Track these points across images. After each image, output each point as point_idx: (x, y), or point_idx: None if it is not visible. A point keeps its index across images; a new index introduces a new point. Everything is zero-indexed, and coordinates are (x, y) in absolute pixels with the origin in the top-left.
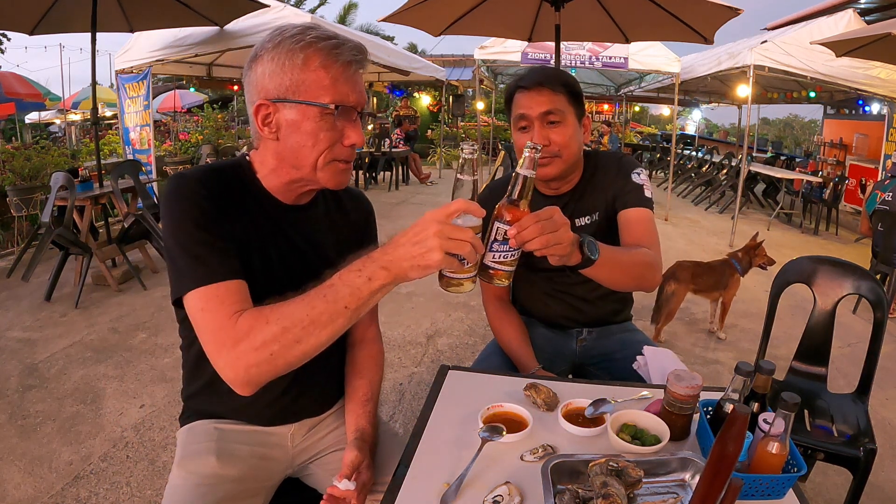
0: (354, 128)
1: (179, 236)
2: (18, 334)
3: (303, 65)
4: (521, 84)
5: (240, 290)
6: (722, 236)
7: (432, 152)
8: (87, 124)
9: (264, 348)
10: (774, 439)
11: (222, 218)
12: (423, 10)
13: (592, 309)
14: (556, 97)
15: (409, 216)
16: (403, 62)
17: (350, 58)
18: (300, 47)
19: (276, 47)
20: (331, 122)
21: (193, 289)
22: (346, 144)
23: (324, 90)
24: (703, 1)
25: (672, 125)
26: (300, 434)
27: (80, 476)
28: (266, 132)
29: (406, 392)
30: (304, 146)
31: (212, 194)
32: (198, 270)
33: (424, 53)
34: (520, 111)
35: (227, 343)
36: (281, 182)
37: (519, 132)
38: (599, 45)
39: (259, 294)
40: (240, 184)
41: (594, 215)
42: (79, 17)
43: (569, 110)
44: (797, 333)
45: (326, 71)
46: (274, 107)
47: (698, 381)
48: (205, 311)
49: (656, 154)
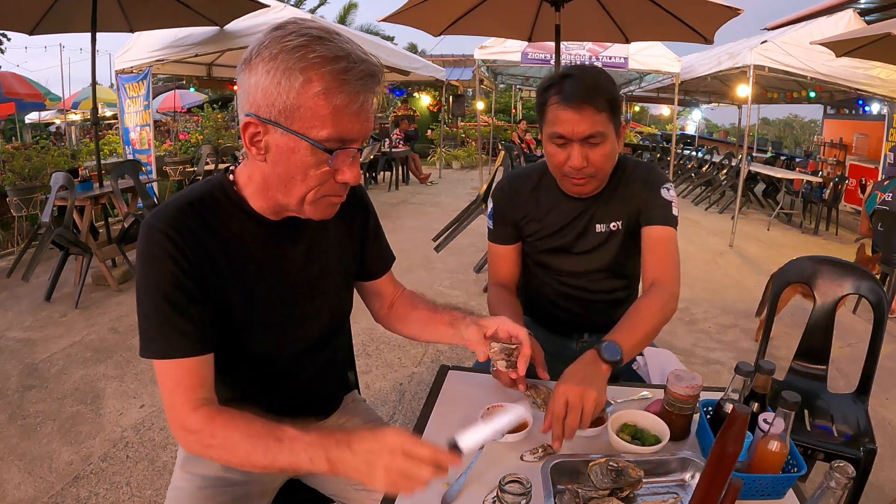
0: (352, 165)
1: (143, 301)
2: (18, 334)
3: (301, 88)
4: (563, 98)
5: (199, 370)
6: (722, 236)
7: (432, 152)
8: (87, 124)
9: (205, 451)
10: (775, 438)
11: (199, 266)
12: (423, 10)
13: (598, 315)
14: (598, 117)
15: (409, 216)
16: (403, 62)
17: (358, 87)
18: (301, 67)
19: (273, 59)
20: (325, 158)
21: (153, 357)
22: (339, 181)
23: (321, 122)
24: (703, 1)
25: (672, 125)
26: None
27: (80, 476)
28: (254, 151)
29: (406, 392)
30: (293, 178)
31: (185, 241)
32: (158, 342)
33: (424, 53)
34: (558, 129)
35: (177, 422)
36: (267, 204)
37: (555, 146)
38: (599, 45)
39: (255, 319)
40: (222, 211)
41: (617, 224)
42: (79, 17)
43: (609, 128)
44: (797, 333)
45: (327, 100)
46: (264, 127)
47: (698, 381)
48: (163, 386)
49: (656, 154)
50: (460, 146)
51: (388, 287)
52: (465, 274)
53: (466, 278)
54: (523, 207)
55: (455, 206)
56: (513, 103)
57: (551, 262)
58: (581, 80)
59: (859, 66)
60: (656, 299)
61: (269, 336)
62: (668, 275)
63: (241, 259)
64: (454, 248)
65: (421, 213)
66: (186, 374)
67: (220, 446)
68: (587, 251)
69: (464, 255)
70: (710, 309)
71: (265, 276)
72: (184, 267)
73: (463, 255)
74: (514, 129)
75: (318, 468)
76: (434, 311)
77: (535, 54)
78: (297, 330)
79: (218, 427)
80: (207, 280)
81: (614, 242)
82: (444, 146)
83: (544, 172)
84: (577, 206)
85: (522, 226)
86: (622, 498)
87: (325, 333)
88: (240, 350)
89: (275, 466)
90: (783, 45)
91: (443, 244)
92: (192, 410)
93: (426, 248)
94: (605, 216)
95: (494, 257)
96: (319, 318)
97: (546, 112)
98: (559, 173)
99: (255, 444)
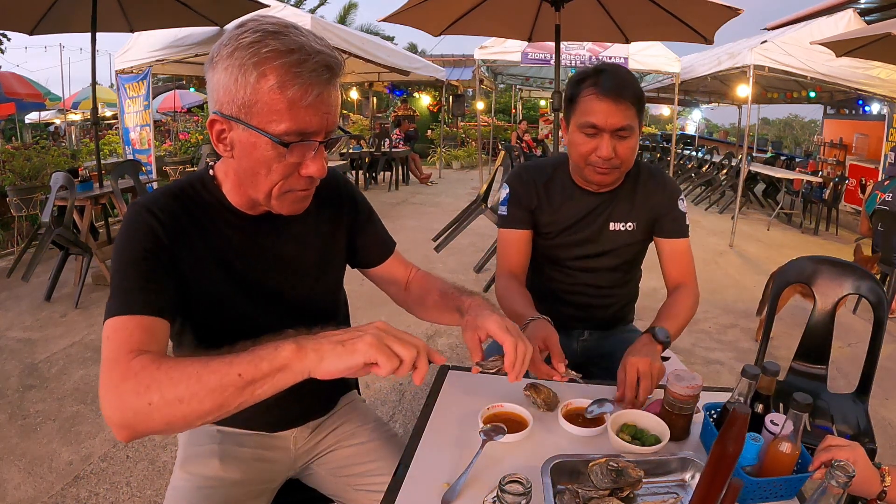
0: (315, 158)
1: (115, 270)
2: (18, 334)
3: (256, 83)
4: (599, 88)
5: (152, 329)
6: (722, 236)
7: (432, 152)
8: (87, 124)
9: (146, 394)
10: (785, 440)
11: (177, 245)
12: (423, 10)
13: (600, 312)
14: (630, 111)
15: (409, 216)
16: (403, 62)
17: (312, 79)
18: (254, 62)
19: (231, 56)
20: (289, 153)
21: (110, 316)
22: (304, 175)
23: (278, 116)
24: (703, 1)
25: (672, 125)
26: (303, 436)
27: (80, 476)
28: (221, 148)
29: (406, 392)
30: (258, 173)
31: (167, 220)
32: (119, 300)
33: (424, 53)
34: (592, 119)
35: (115, 379)
36: (242, 199)
37: (584, 136)
38: (599, 45)
39: (230, 311)
40: (201, 201)
41: (632, 224)
42: (79, 17)
43: (636, 123)
44: (797, 333)
45: (282, 93)
46: (228, 124)
47: (698, 381)
48: (109, 341)
49: (656, 154)
50: (460, 146)
51: (398, 270)
52: (466, 274)
53: (466, 278)
54: (537, 197)
55: (455, 206)
56: (513, 103)
57: (563, 256)
58: (616, 74)
59: (859, 66)
60: (687, 298)
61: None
62: (692, 279)
63: (219, 249)
64: (454, 248)
65: (421, 213)
66: (139, 329)
67: (167, 375)
68: (601, 250)
69: (464, 255)
70: (710, 309)
71: (245, 265)
72: (161, 242)
73: (463, 255)
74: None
75: (285, 354)
76: (444, 295)
77: (535, 54)
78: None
79: (164, 360)
80: (183, 262)
81: (627, 242)
82: (444, 146)
83: (557, 167)
84: (591, 201)
85: (537, 215)
86: (622, 498)
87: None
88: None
89: (232, 376)
90: (783, 45)
91: (443, 244)
92: (137, 356)
93: (426, 248)
94: (622, 215)
95: (505, 244)
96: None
97: (578, 103)
98: (583, 162)
99: (210, 360)
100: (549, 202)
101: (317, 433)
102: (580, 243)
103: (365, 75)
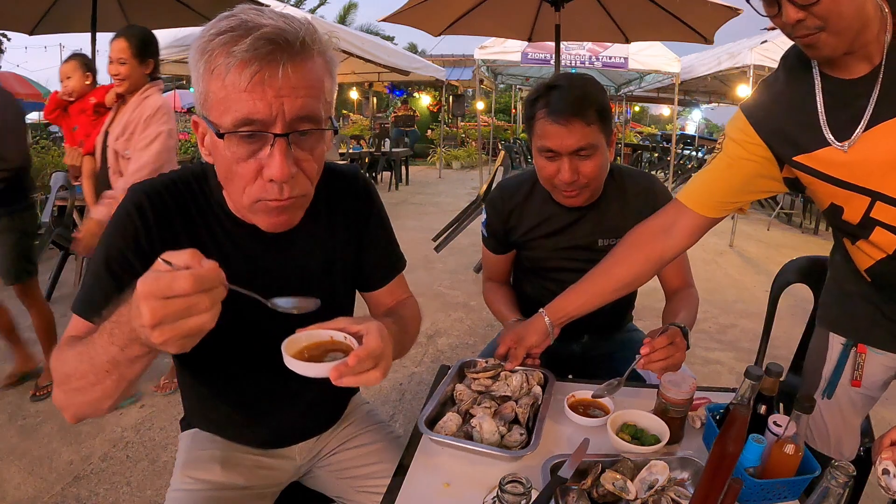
0: (271, 156)
1: (91, 261)
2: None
3: (204, 72)
4: (550, 112)
5: None
6: (722, 236)
7: (432, 152)
8: None
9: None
10: (789, 441)
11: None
12: (423, 10)
13: (599, 318)
14: (587, 129)
15: (409, 216)
16: (403, 62)
17: (248, 56)
18: (201, 50)
19: (191, 48)
20: (240, 149)
21: (72, 310)
22: (266, 178)
23: (222, 105)
24: (703, 1)
25: (672, 125)
26: (307, 447)
27: (80, 476)
28: (203, 151)
29: (406, 392)
30: (228, 179)
31: (149, 226)
32: (82, 298)
33: (424, 53)
34: (547, 143)
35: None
36: (235, 206)
37: (545, 160)
38: (599, 45)
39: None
40: (199, 196)
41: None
42: (79, 17)
43: (600, 139)
44: (797, 333)
45: (221, 79)
46: (202, 123)
47: (691, 384)
48: (66, 332)
49: (655, 154)
50: (460, 146)
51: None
52: (465, 274)
53: (466, 278)
54: (510, 220)
55: (455, 206)
56: (513, 103)
57: (553, 266)
58: (569, 91)
59: None
60: (690, 298)
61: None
62: (691, 283)
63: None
64: (454, 248)
65: (421, 213)
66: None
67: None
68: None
69: (464, 255)
70: (710, 309)
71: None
72: (141, 248)
73: (463, 255)
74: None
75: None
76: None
77: (535, 54)
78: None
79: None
80: None
81: None
82: (444, 146)
83: (536, 180)
84: (573, 213)
85: (518, 237)
86: None
87: None
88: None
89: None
90: (783, 45)
91: (443, 244)
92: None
93: (426, 248)
94: (608, 230)
95: (487, 259)
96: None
97: (534, 126)
98: (550, 185)
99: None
100: (527, 220)
101: (321, 440)
102: (569, 256)
103: (365, 75)
